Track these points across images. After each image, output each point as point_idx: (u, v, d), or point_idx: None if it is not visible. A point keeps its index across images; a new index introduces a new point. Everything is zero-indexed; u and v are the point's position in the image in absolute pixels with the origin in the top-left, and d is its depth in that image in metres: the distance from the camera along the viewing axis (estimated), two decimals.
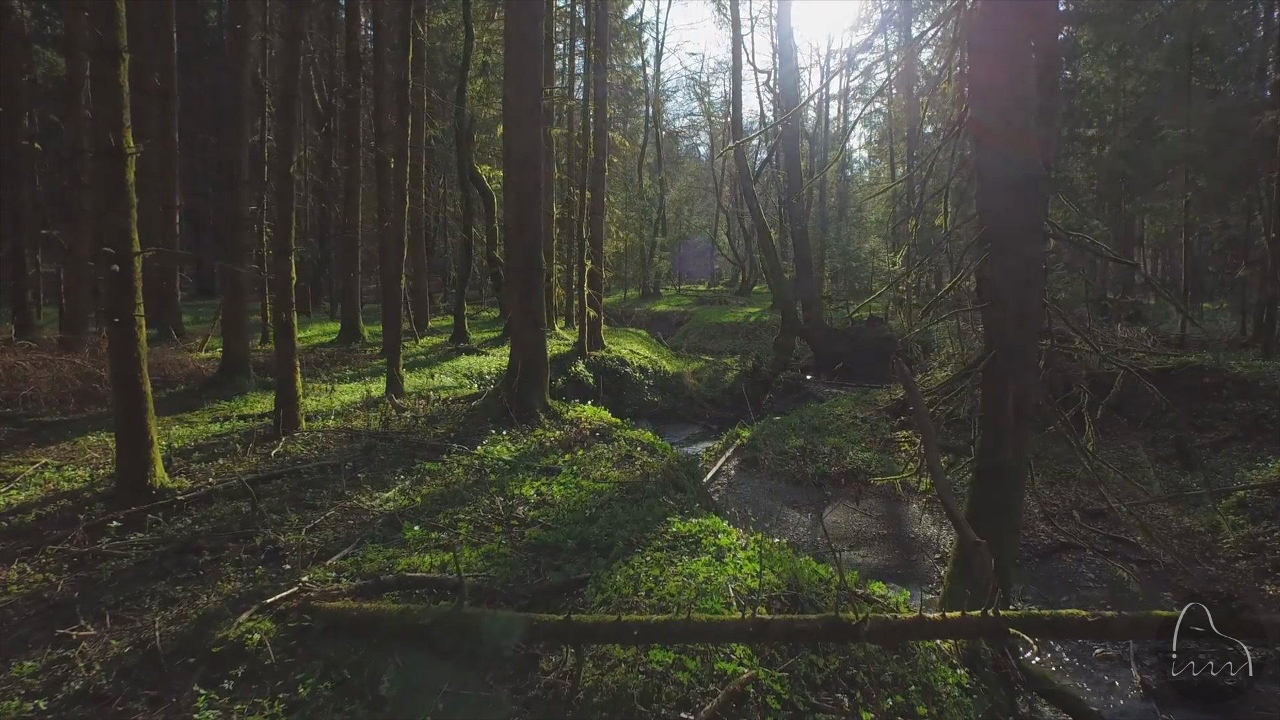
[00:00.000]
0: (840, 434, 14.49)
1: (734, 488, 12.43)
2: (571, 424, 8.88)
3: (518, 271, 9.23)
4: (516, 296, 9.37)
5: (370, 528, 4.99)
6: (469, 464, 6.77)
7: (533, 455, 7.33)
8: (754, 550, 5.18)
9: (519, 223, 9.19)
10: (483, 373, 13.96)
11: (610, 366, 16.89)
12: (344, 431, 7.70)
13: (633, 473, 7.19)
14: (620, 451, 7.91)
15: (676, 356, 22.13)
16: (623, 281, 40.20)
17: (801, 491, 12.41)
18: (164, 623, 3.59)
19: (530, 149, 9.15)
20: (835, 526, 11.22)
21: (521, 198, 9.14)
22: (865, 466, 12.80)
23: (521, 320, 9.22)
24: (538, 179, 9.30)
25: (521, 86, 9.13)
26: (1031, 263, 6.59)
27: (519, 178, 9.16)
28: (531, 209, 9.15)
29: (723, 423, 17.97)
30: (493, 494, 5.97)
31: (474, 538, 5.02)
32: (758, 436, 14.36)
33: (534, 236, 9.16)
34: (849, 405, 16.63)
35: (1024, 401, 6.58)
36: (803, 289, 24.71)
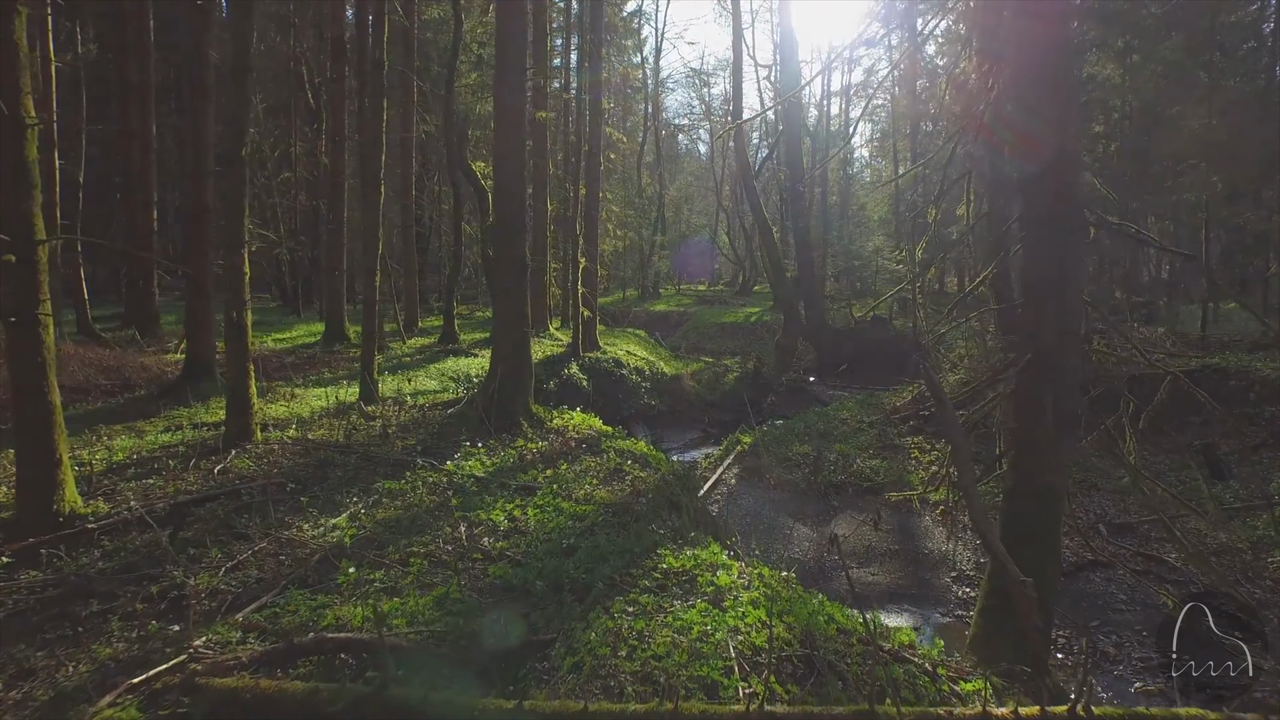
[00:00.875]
0: (846, 440, 13.66)
1: (734, 499, 11.61)
2: (557, 433, 8.07)
3: (501, 269, 8.42)
4: (499, 296, 8.56)
5: (303, 566, 4.18)
6: (435, 482, 5.96)
7: (509, 471, 6.51)
8: (758, 591, 4.36)
9: (503, 217, 8.38)
10: (469, 375, 13.14)
11: (605, 368, 16.08)
12: (301, 443, 6.89)
13: (622, 490, 6.37)
14: (609, 465, 7.10)
15: (675, 358, 21.31)
16: (621, 281, 39.38)
17: (807, 502, 11.59)
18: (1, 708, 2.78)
19: (515, 143, 8.34)
20: (844, 541, 10.40)
21: (506, 191, 8.34)
22: (874, 475, 11.98)
23: (504, 321, 8.41)
24: (522, 172, 8.49)
25: (507, 81, 8.32)
26: (1071, 255, 5.79)
27: (504, 170, 8.35)
28: (516, 203, 8.34)
29: (723, 426, 17.15)
30: (457, 519, 5.16)
31: (427, 576, 4.20)
32: (760, 442, 13.54)
33: (518, 232, 8.35)
34: (855, 409, 15.80)
35: (1065, 412, 5.77)
36: (805, 288, 23.88)
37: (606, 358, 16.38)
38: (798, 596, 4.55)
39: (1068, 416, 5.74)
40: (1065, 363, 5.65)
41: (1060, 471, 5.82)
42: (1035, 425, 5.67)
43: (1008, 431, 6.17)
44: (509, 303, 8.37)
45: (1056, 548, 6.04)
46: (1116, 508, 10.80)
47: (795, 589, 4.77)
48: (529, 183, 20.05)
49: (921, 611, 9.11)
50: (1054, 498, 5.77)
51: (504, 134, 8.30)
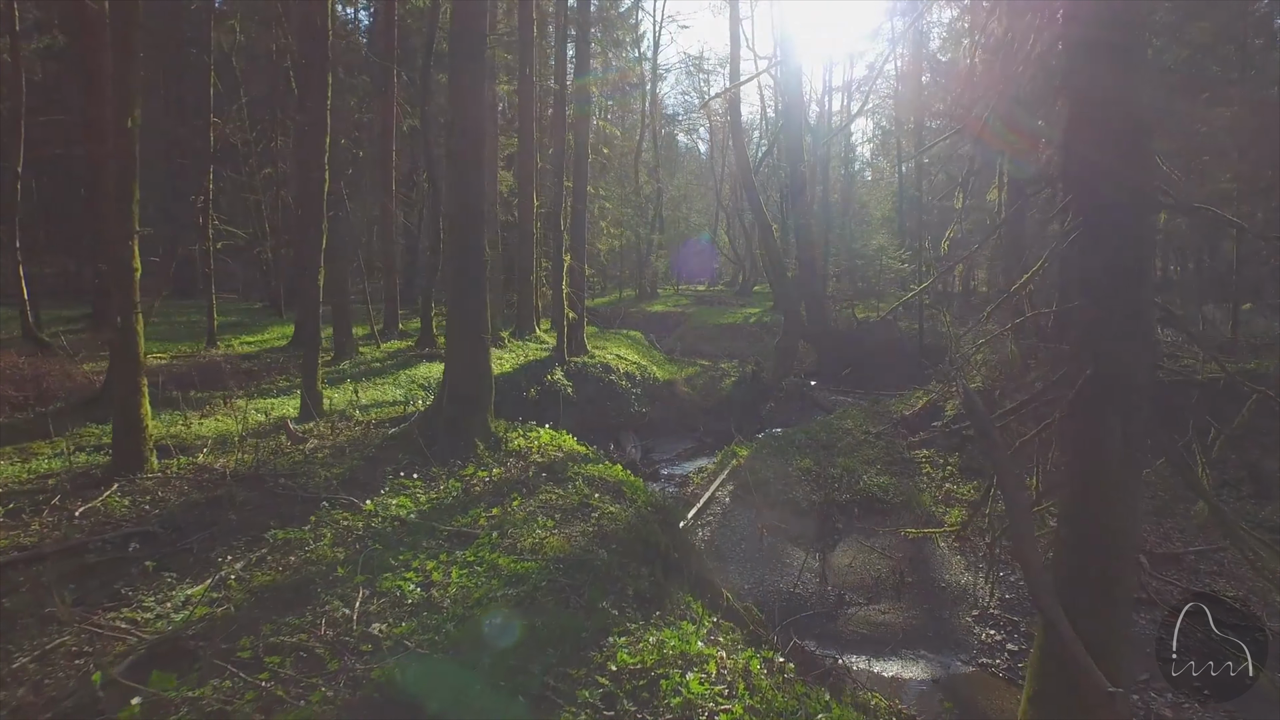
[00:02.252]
0: (851, 453, 12.40)
1: (728, 520, 10.36)
2: (518, 457, 6.83)
3: (453, 264, 7.18)
4: (452, 296, 7.32)
5: (84, 690, 2.91)
6: (349, 527, 4.73)
7: (446, 510, 5.27)
8: (742, 704, 3.11)
9: (458, 202, 7.14)
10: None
11: (593, 374, 14.85)
12: (204, 473, 5.66)
13: (584, 533, 5.13)
14: (573, 499, 5.86)
15: (670, 361, 20.06)
16: (619, 281, 38.13)
17: (808, 524, 10.33)
18: None
19: (473, 114, 7.10)
20: (848, 570, 9.15)
21: (462, 171, 7.10)
22: (882, 494, 10.72)
23: (458, 326, 7.17)
24: (481, 149, 7.25)
25: (465, 41, 7.09)
26: (1141, 245, 4.55)
27: (460, 146, 7.11)
28: (473, 185, 7.10)
29: (718, 435, 15.88)
30: (358, 585, 3.92)
31: (283, 687, 2.96)
32: (757, 456, 12.29)
33: (475, 220, 7.11)
34: (859, 418, 14.53)
35: (1135, 441, 4.53)
36: (806, 288, 22.61)
37: (594, 362, 15.16)
38: (797, 707, 3.30)
39: (1138, 446, 4.51)
40: (1135, 379, 4.42)
41: (1132, 517, 4.56)
42: (1098, 460, 4.43)
43: (1060, 467, 4.90)
44: (464, 304, 7.14)
45: (1127, 615, 4.78)
46: (1155, 534, 9.53)
47: (794, 691, 3.52)
48: (520, 182, 18.82)
49: (940, 659, 7.86)
50: (1124, 551, 4.52)
51: (461, 101, 7.07)
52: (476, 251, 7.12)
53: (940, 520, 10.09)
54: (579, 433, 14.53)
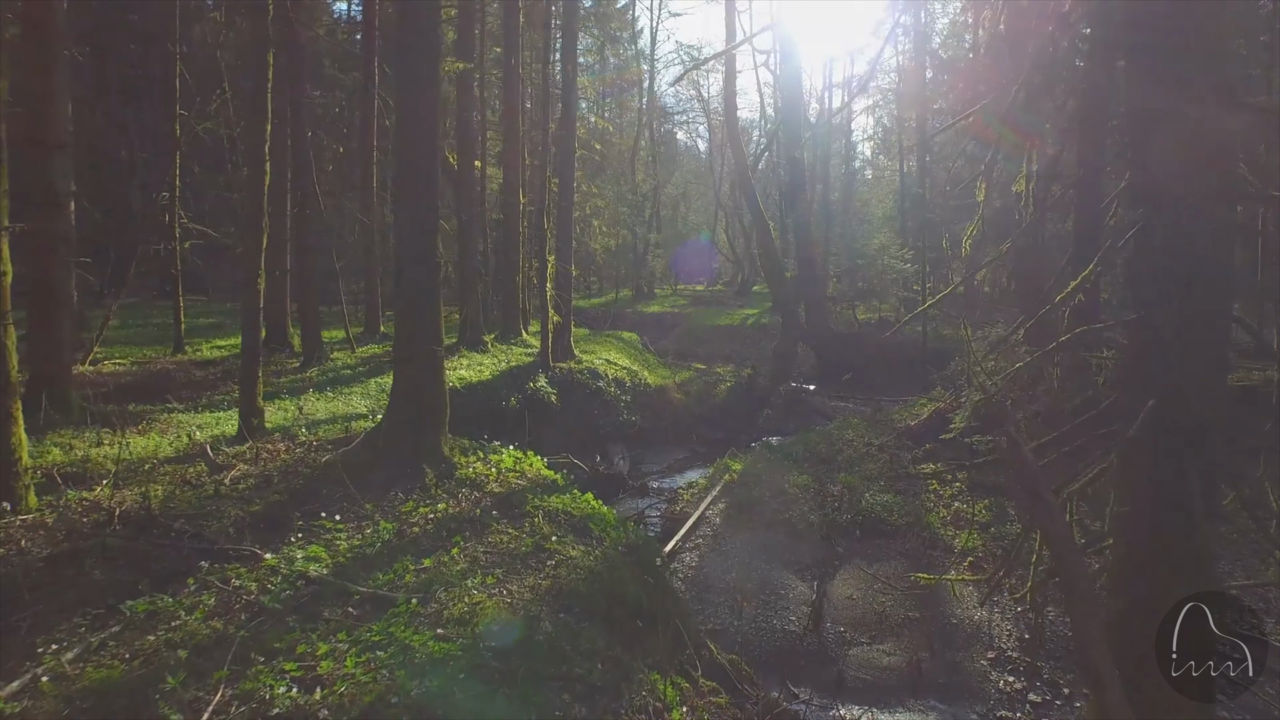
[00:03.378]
0: (852, 467, 11.46)
1: (719, 543, 9.43)
2: (471, 486, 5.90)
3: (403, 264, 6.24)
4: (400, 304, 6.38)
5: None
6: (240, 588, 3.81)
7: (370, 562, 4.35)
8: None
9: (410, 196, 6.21)
10: None
11: (579, 380, 13.92)
12: (92, 512, 4.74)
13: (534, 590, 4.21)
14: (528, 541, 4.93)
15: (663, 365, 19.11)
16: (615, 281, 37.17)
17: (806, 548, 9.39)
18: None
19: (424, 101, 6.17)
20: (849, 604, 8.20)
21: (411, 145, 6.16)
22: (886, 514, 9.78)
23: (406, 333, 6.24)
24: (433, 140, 6.31)
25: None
26: (1219, 239, 3.61)
27: (412, 138, 6.17)
28: (424, 180, 6.17)
29: (713, 445, 14.95)
30: (218, 682, 2.99)
31: None
32: (751, 470, 11.36)
33: (425, 224, 6.18)
34: (860, 427, 13.58)
35: (1213, 489, 3.58)
36: (805, 289, 21.65)
37: (581, 368, 14.22)
38: None
39: (1216, 492, 3.57)
40: (1213, 410, 3.48)
41: (1209, 577, 3.61)
42: (1166, 510, 3.49)
43: (1114, 519, 3.95)
44: (414, 313, 6.21)
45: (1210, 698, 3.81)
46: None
47: None
48: (506, 179, 17.85)
49: (953, 710, 6.90)
50: (1197, 622, 3.60)
51: (410, 61, 6.13)
52: (428, 255, 6.19)
53: (949, 544, 9.14)
54: (564, 444, 13.64)
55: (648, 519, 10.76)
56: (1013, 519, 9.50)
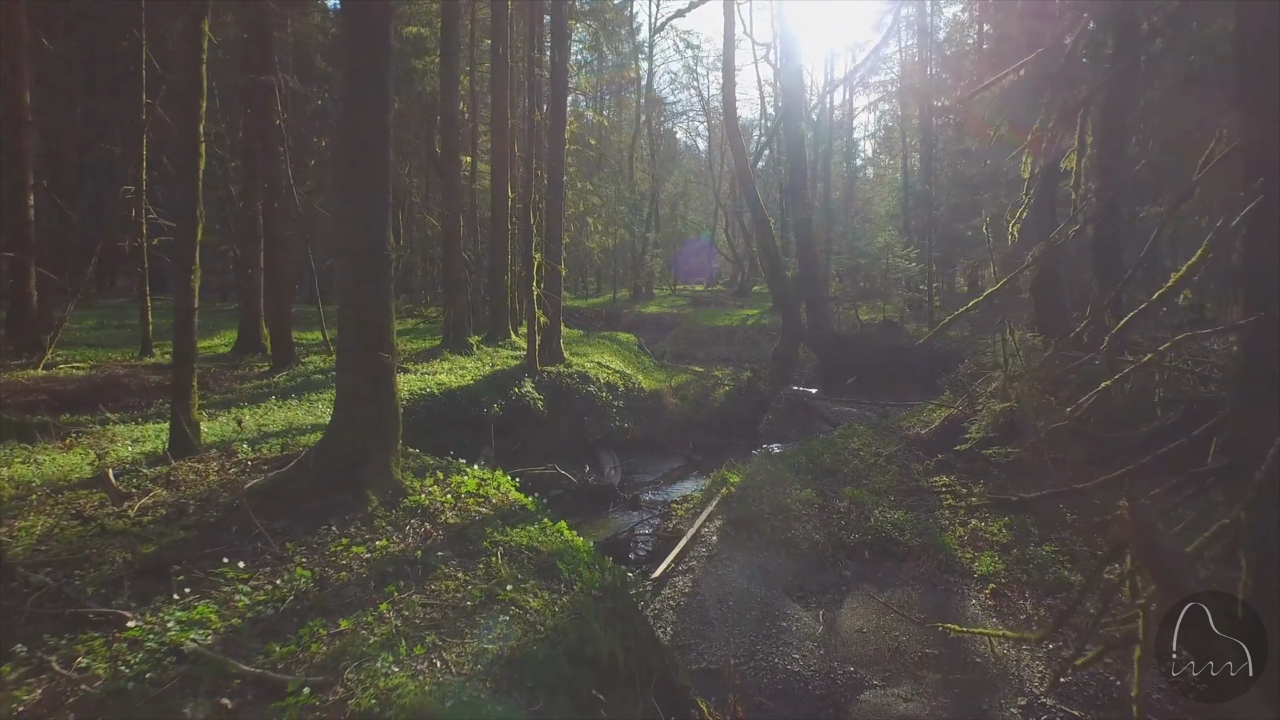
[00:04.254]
0: (860, 479, 10.56)
1: (715, 566, 8.53)
2: (423, 516, 5.02)
3: (345, 257, 5.36)
4: (343, 303, 5.49)
5: None
6: (84, 671, 2.92)
7: (271, 625, 3.46)
8: None
9: (350, 181, 5.32)
10: None
11: (568, 385, 13.03)
12: None
13: (476, 659, 3.35)
14: (479, 589, 4.06)
15: (659, 367, 18.22)
16: (613, 281, 36.28)
17: (810, 571, 8.49)
18: None
19: (372, 61, 5.29)
20: (859, 638, 7.30)
21: (357, 144, 5.28)
22: (898, 533, 8.88)
23: (350, 344, 5.35)
24: (384, 115, 5.42)
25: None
26: None
27: (355, 117, 5.29)
28: (370, 161, 5.28)
29: (710, 452, 14.06)
30: None
31: None
32: (750, 483, 10.46)
33: (374, 200, 5.29)
34: (867, 436, 12.67)
35: None
36: (807, 289, 20.74)
37: (571, 372, 13.34)
38: None
39: None
40: None
41: None
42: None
43: (1252, 596, 3.01)
44: (359, 313, 5.32)
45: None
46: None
47: None
48: (494, 173, 17.00)
49: None
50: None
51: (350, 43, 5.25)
52: (376, 247, 5.31)
53: (967, 568, 8.24)
54: (551, 453, 12.74)
55: (638, 536, 9.89)
56: (1035, 539, 8.60)
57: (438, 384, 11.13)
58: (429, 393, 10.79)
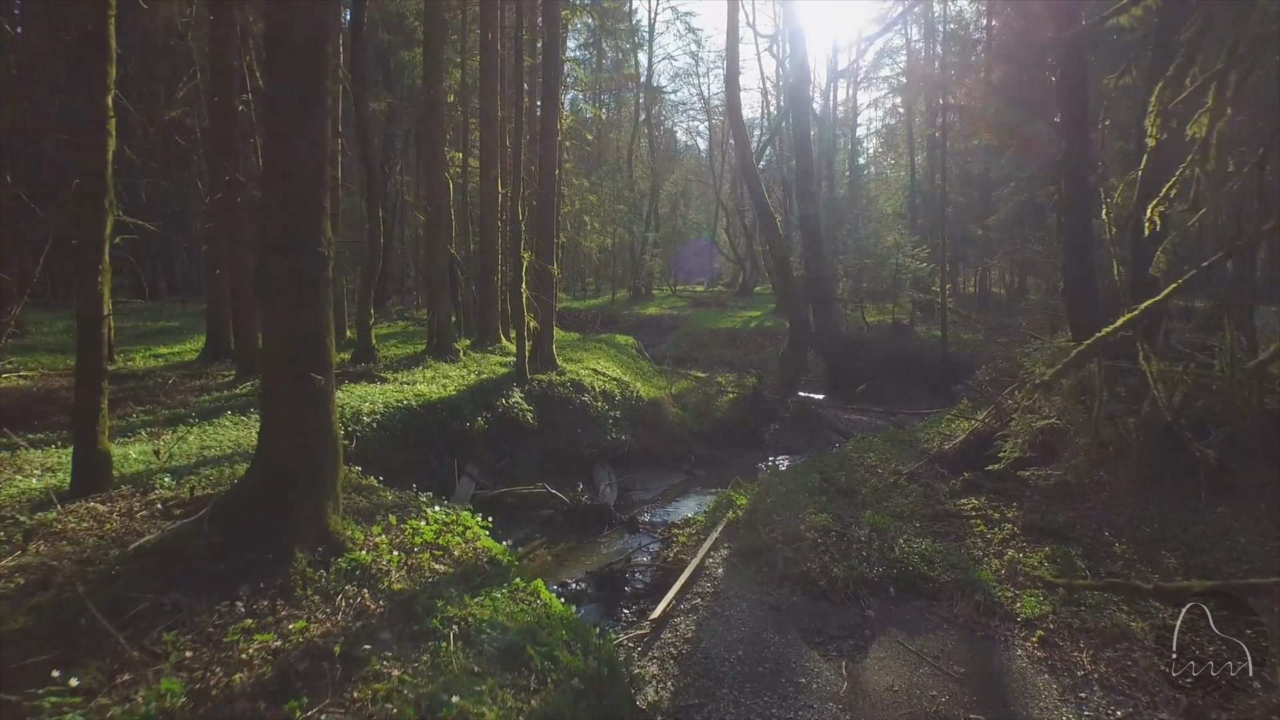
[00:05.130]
0: (880, 501, 9.50)
1: (721, 605, 7.47)
2: (361, 580, 3.96)
3: (269, 254, 4.30)
4: (268, 311, 4.42)
5: None
6: None
7: None
8: None
9: (272, 158, 4.27)
10: (359, 413, 9.09)
11: (561, 394, 11.97)
12: None
13: None
14: (423, 690, 3.01)
15: (659, 373, 17.16)
16: (612, 281, 35.20)
17: (828, 611, 7.43)
18: None
19: (308, 24, 4.22)
20: (890, 699, 6.22)
21: (281, 113, 4.22)
22: (927, 568, 7.80)
23: (277, 361, 4.29)
24: (316, 80, 4.35)
25: None
26: None
27: (281, 75, 4.23)
28: (296, 133, 4.22)
29: (713, 466, 13.01)
30: None
31: None
32: (759, 505, 9.40)
33: (300, 187, 4.24)
34: (883, 449, 11.62)
35: None
36: (813, 289, 19.66)
37: (564, 380, 12.28)
38: None
39: None
40: None
41: None
42: None
43: None
44: (287, 323, 4.27)
45: None
46: None
47: None
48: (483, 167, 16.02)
49: None
50: None
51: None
52: (307, 239, 4.25)
53: (1009, 610, 7.17)
54: (541, 469, 11.65)
55: (635, 566, 8.82)
56: (1082, 574, 7.54)
57: (416, 395, 10.09)
58: (405, 405, 9.75)
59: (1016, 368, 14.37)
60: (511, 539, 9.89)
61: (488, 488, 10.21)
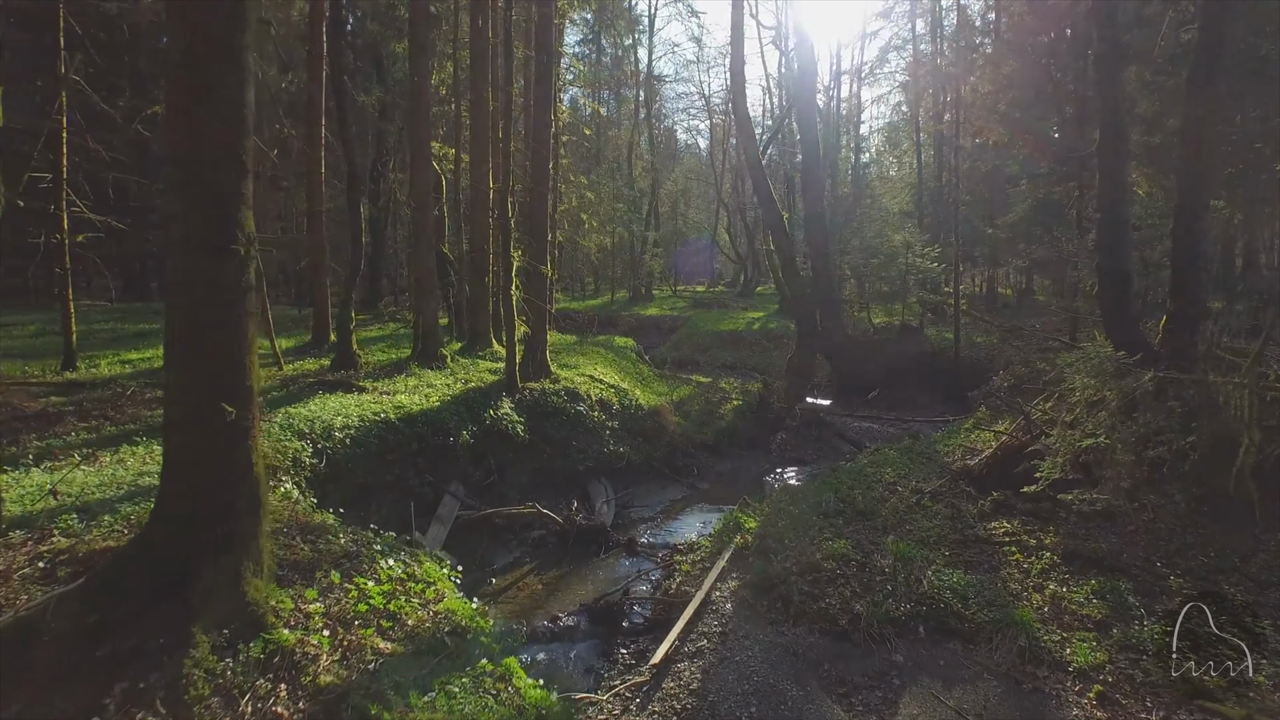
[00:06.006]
0: (902, 525, 8.57)
1: (731, 648, 6.56)
2: (276, 674, 3.05)
3: (174, 252, 3.38)
4: (174, 317, 3.50)
5: None
6: None
7: None
8: None
9: (180, 130, 3.35)
10: (330, 427, 8.19)
11: (553, 404, 11.06)
12: None
13: None
14: None
15: (659, 378, 16.24)
16: (611, 282, 34.27)
17: (850, 654, 6.51)
18: None
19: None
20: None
21: (191, 81, 3.29)
22: (959, 605, 6.89)
23: (185, 381, 3.38)
24: (237, 40, 3.43)
25: None
26: None
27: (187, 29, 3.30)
28: (209, 106, 3.30)
29: (717, 480, 12.11)
30: None
31: None
32: (770, 528, 8.49)
33: (214, 176, 3.32)
34: (901, 463, 10.70)
35: None
36: (819, 290, 18.73)
37: (557, 388, 11.36)
38: None
39: None
40: None
41: None
42: None
43: None
44: (196, 327, 3.36)
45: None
46: None
47: None
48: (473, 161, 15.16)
49: None
50: None
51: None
52: (219, 235, 3.33)
53: (1058, 656, 6.24)
54: (533, 486, 10.69)
55: (633, 599, 7.91)
56: (1138, 614, 6.62)
57: (395, 406, 9.18)
58: (383, 418, 8.83)
59: (1037, 374, 13.49)
60: (498, 564, 9.00)
61: (474, 507, 9.30)
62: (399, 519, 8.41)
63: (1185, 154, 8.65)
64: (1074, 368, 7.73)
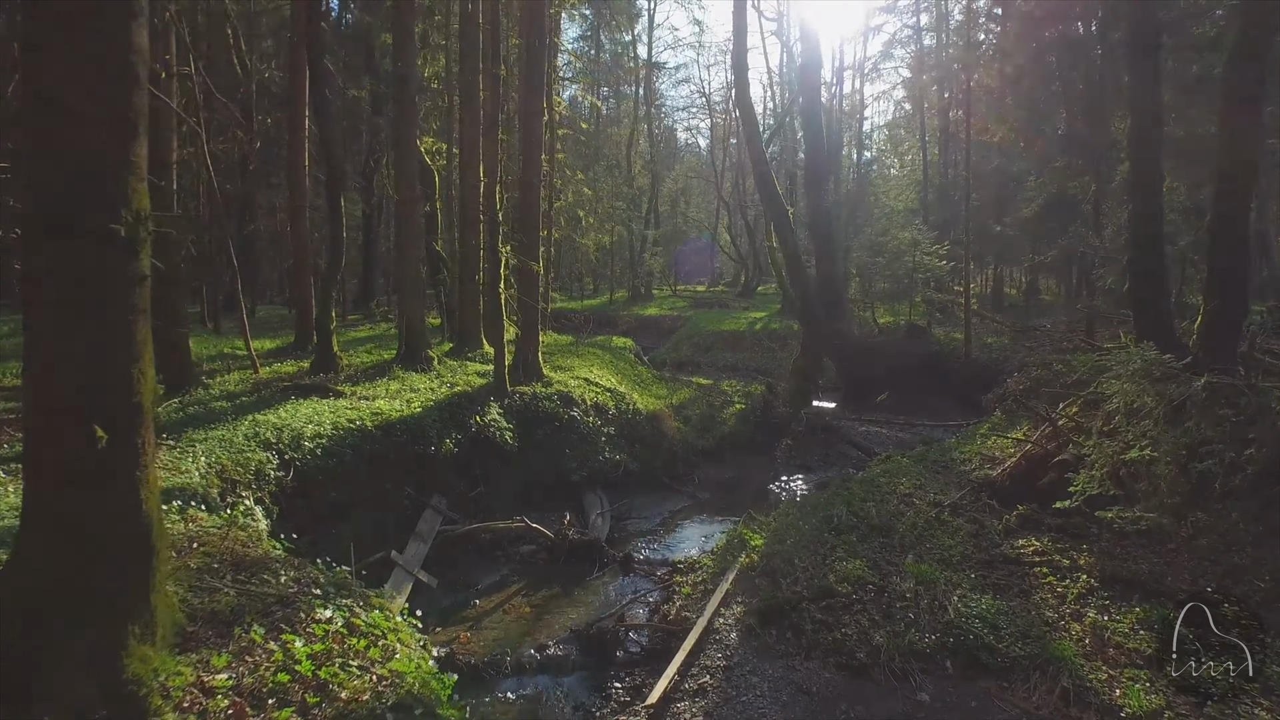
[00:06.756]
0: (922, 542, 7.82)
1: (736, 685, 5.81)
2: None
3: (33, 237, 2.65)
4: (31, 314, 2.78)
5: None
6: None
7: None
8: None
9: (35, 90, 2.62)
10: (300, 436, 7.47)
11: (546, 409, 10.32)
12: None
13: None
14: None
15: (658, 380, 15.50)
16: (610, 281, 33.53)
17: (869, 694, 5.78)
18: None
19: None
20: None
21: (54, 13, 2.54)
22: (992, 639, 6.14)
23: (40, 408, 2.64)
24: (124, 30, 2.68)
25: None
26: None
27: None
28: (80, 44, 2.54)
29: (719, 489, 11.38)
30: None
31: None
32: (777, 547, 7.74)
33: (88, 137, 2.58)
34: (915, 472, 9.96)
35: None
36: (825, 290, 17.99)
37: (550, 392, 10.63)
38: None
39: None
40: None
41: None
42: None
43: None
44: (55, 327, 2.61)
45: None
46: None
47: None
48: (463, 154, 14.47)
49: None
50: None
51: None
52: (95, 217, 2.60)
53: (1105, 698, 5.50)
54: (523, 498, 9.88)
55: (629, 626, 7.17)
56: (1194, 649, 5.88)
57: (373, 413, 8.45)
58: (359, 426, 8.11)
59: (1056, 376, 12.74)
60: (483, 583, 8.27)
61: (457, 522, 8.57)
62: (375, 537, 7.69)
63: (1225, 135, 7.91)
64: (1111, 371, 6.97)
